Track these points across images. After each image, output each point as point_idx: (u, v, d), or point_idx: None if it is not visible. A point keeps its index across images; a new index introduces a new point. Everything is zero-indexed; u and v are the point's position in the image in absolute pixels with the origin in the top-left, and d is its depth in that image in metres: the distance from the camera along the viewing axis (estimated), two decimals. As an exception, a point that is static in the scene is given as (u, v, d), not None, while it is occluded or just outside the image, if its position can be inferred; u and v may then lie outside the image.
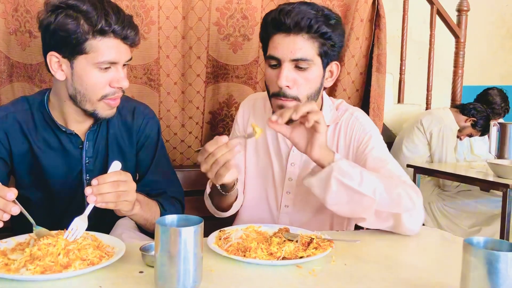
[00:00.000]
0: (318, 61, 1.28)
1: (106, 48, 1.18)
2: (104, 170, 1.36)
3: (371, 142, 1.35)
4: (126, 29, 1.20)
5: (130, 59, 1.27)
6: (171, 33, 1.80)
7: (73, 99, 1.24)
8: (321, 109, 1.40)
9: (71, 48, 1.18)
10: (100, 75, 1.20)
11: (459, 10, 3.38)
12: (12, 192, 0.96)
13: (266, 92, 1.46)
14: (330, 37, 1.26)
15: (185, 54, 1.85)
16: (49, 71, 1.24)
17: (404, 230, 1.22)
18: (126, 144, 1.39)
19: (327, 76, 1.35)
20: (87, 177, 1.35)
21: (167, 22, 1.79)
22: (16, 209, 0.97)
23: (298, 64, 1.25)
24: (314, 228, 1.25)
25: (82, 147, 1.33)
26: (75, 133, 1.31)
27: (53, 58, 1.21)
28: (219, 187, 1.29)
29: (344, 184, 1.14)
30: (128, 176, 1.10)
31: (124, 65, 1.25)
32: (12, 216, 1.40)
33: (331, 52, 1.29)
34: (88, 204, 1.05)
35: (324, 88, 1.39)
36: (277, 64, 1.28)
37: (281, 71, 1.25)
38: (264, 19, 1.32)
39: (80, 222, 1.05)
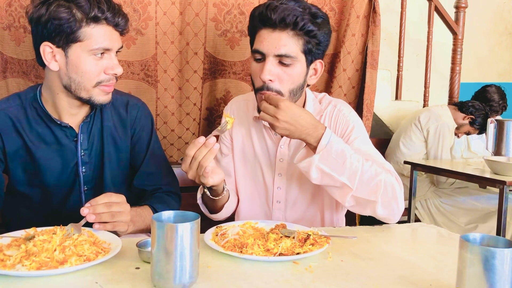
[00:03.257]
0: (302, 58, 1.30)
1: (99, 35, 1.20)
2: (99, 162, 1.36)
3: (353, 133, 1.38)
4: (117, 16, 1.22)
5: (121, 47, 1.28)
6: (168, 29, 1.79)
7: (68, 89, 1.25)
8: (304, 103, 1.43)
9: (65, 36, 1.19)
10: (95, 62, 1.21)
11: (457, 7, 3.37)
12: None
13: (246, 94, 1.53)
14: (315, 35, 1.28)
15: (182, 50, 1.85)
16: (40, 64, 1.25)
17: (381, 217, 1.28)
18: (120, 136, 1.40)
19: (311, 73, 1.37)
20: (83, 170, 1.35)
21: (164, 18, 1.78)
22: None
23: (282, 60, 1.28)
24: (306, 224, 1.28)
25: (77, 140, 1.33)
26: (70, 126, 1.31)
27: (47, 49, 1.21)
28: (208, 193, 1.31)
29: (325, 172, 1.22)
30: (121, 198, 1.13)
31: (118, 51, 1.27)
32: (4, 213, 1.41)
33: (316, 50, 1.31)
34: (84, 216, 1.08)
35: (308, 85, 1.41)
36: (261, 58, 1.30)
37: (265, 65, 1.28)
38: (252, 13, 1.33)
39: (75, 229, 1.06)
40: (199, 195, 1.41)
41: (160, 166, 1.45)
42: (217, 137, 1.17)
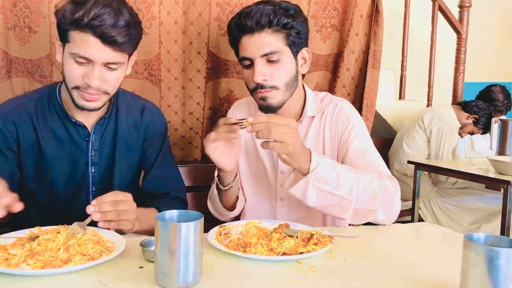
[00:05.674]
0: (287, 51, 1.33)
1: (81, 42, 1.18)
2: (109, 164, 1.37)
3: (353, 132, 1.40)
4: (110, 30, 1.16)
5: (116, 63, 1.22)
6: (172, 28, 1.80)
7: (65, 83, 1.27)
8: (304, 101, 1.45)
9: (60, 34, 1.22)
10: (76, 66, 1.21)
11: (461, 6, 3.36)
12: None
13: (248, 97, 1.56)
14: (292, 26, 1.32)
15: (186, 50, 1.85)
16: None
17: (380, 222, 1.28)
18: (133, 140, 1.41)
19: (301, 63, 1.40)
20: (93, 170, 1.36)
21: (167, 17, 1.78)
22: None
23: (269, 57, 1.31)
24: (309, 222, 1.29)
25: (89, 139, 1.34)
26: (84, 125, 1.33)
27: (57, 41, 1.26)
28: (216, 178, 1.36)
29: (322, 190, 1.19)
30: (127, 196, 1.12)
31: (109, 66, 1.22)
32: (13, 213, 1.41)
33: (298, 40, 1.35)
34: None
35: (303, 76, 1.45)
36: (250, 63, 1.34)
37: (255, 69, 1.31)
38: (228, 26, 1.38)
39: (79, 228, 1.06)
40: (215, 192, 1.44)
41: (169, 172, 1.46)
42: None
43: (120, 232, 1.17)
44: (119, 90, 1.35)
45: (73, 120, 1.32)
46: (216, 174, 1.38)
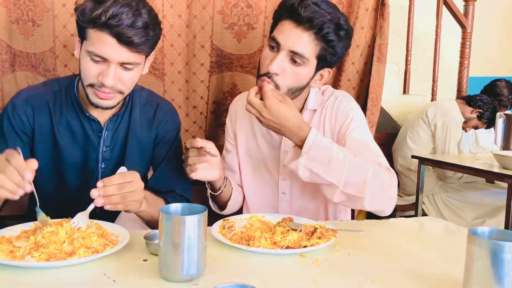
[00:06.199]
0: (313, 62, 1.30)
1: (97, 41, 1.17)
2: (120, 161, 1.38)
3: (351, 124, 1.39)
4: (127, 30, 1.15)
5: (132, 63, 1.22)
6: (175, 22, 1.79)
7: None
8: (307, 96, 1.44)
9: (79, 31, 1.22)
10: (91, 64, 1.20)
11: (466, 0, 3.34)
12: (30, 172, 0.98)
13: (246, 92, 1.51)
14: (334, 46, 1.29)
15: (189, 43, 1.84)
16: None
17: (373, 211, 1.29)
18: (145, 138, 1.41)
19: (316, 78, 1.37)
20: (103, 166, 1.37)
21: (171, 11, 1.78)
22: (29, 187, 0.99)
23: (294, 57, 1.27)
24: (310, 215, 1.31)
25: (101, 135, 1.35)
26: (97, 120, 1.34)
27: (76, 37, 1.26)
28: (208, 186, 1.39)
29: (313, 171, 1.22)
30: (134, 176, 1.11)
31: (125, 66, 1.21)
32: (28, 205, 1.42)
33: (329, 59, 1.31)
34: (93, 200, 1.06)
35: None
36: (275, 47, 1.29)
37: (276, 57, 1.27)
38: (283, 1, 1.32)
39: (82, 218, 1.06)
40: (209, 192, 1.45)
41: (177, 172, 1.45)
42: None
43: (129, 210, 1.16)
44: (136, 87, 1.35)
45: (87, 115, 1.32)
46: (206, 183, 1.39)
